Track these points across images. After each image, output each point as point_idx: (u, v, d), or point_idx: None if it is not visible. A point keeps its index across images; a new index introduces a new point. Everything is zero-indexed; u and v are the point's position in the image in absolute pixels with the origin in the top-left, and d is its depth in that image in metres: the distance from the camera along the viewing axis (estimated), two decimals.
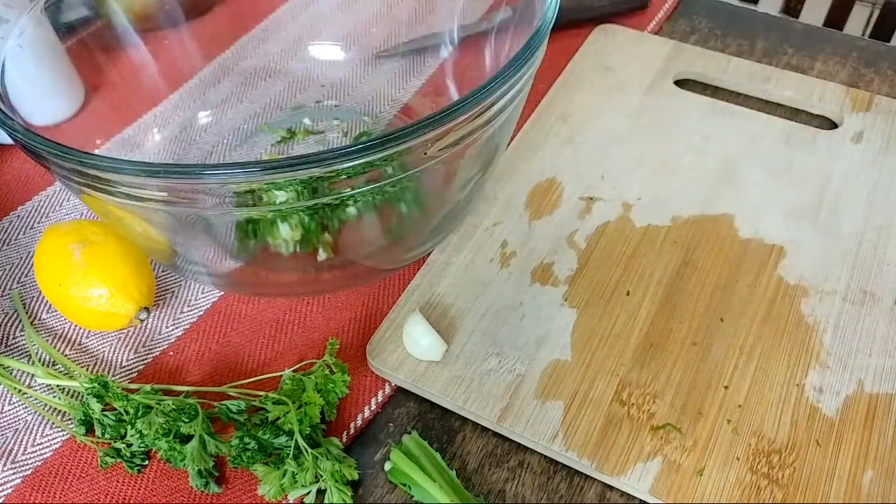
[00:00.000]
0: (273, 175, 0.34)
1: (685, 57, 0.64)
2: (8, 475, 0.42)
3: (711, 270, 0.49)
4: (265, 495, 0.39)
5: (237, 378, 0.45)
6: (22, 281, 0.51)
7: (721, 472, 0.40)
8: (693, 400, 0.42)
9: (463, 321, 0.46)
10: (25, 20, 0.48)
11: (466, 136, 0.38)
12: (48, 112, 0.49)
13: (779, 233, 0.51)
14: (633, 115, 0.59)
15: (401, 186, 0.41)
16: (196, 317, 0.49)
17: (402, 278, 0.50)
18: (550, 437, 0.41)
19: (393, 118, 0.61)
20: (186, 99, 0.60)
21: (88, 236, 0.46)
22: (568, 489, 0.41)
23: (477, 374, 0.44)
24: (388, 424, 0.44)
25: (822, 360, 0.44)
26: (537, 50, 0.39)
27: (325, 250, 0.44)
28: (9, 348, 0.47)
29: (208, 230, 0.43)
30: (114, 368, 0.46)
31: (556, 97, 0.61)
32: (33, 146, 0.36)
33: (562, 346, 0.45)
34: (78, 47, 0.53)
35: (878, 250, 0.50)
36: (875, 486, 0.39)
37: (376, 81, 0.63)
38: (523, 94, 0.42)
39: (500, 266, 0.49)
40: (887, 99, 0.60)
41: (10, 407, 0.45)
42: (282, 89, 0.63)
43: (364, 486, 0.41)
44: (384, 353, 0.45)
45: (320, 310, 0.49)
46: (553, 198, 0.53)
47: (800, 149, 0.56)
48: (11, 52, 0.45)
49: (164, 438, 0.40)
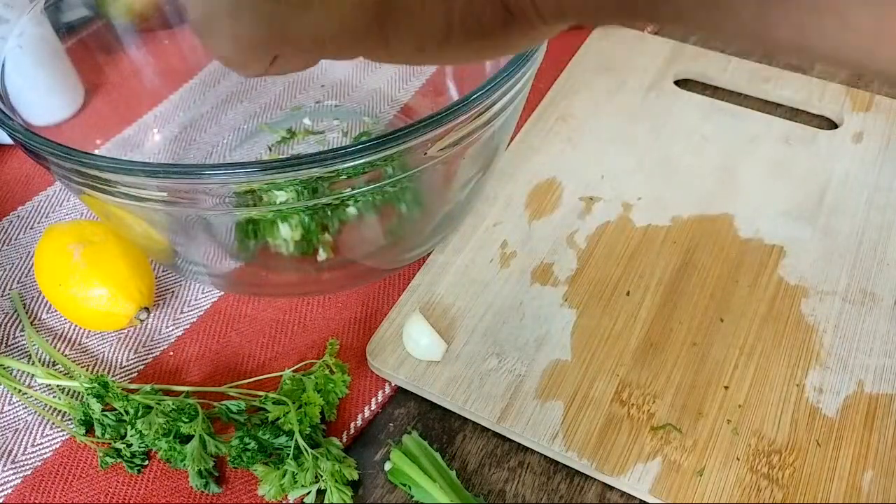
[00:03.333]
0: (273, 175, 0.34)
1: (685, 57, 0.64)
2: (8, 475, 0.42)
3: (711, 270, 0.49)
4: (265, 495, 0.39)
5: (237, 378, 0.45)
6: (22, 281, 0.51)
7: (721, 472, 0.40)
8: (693, 400, 0.42)
9: (463, 321, 0.46)
10: (25, 20, 0.48)
11: (466, 136, 0.38)
12: (48, 112, 0.49)
13: (779, 233, 0.51)
14: (633, 115, 0.59)
15: (401, 186, 0.41)
16: (196, 317, 0.49)
17: (402, 278, 0.50)
18: (550, 437, 0.41)
19: (393, 118, 0.61)
20: (186, 99, 0.60)
21: (88, 236, 0.46)
22: (568, 489, 0.41)
23: (477, 374, 0.44)
24: (388, 424, 0.44)
25: (822, 360, 0.44)
26: (537, 50, 0.39)
27: (325, 250, 0.44)
28: (9, 348, 0.47)
29: (208, 230, 0.43)
30: (114, 368, 0.46)
31: (556, 97, 0.61)
32: (33, 146, 0.36)
33: (562, 346, 0.45)
34: (78, 47, 0.53)
35: (878, 250, 0.50)
36: (875, 486, 0.39)
37: (376, 81, 0.63)
38: (523, 94, 0.42)
39: (500, 266, 0.49)
40: (887, 99, 0.60)
41: (10, 407, 0.45)
42: (282, 89, 0.63)
43: (364, 486, 0.41)
44: (384, 353, 0.45)
45: (320, 310, 0.49)
46: (553, 198, 0.53)
47: (800, 149, 0.56)
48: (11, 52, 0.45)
49: (164, 438, 0.40)
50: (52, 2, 0.48)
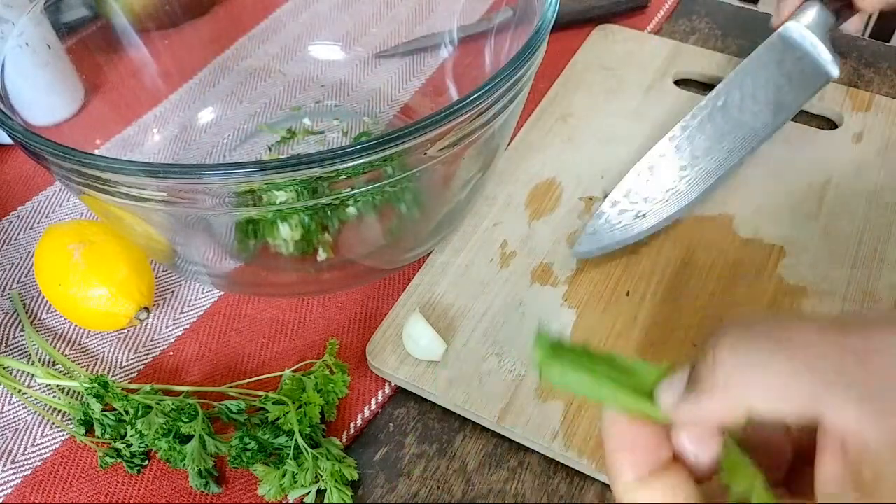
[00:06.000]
0: (273, 175, 0.34)
1: (685, 57, 0.64)
2: (8, 475, 0.42)
3: (711, 270, 0.49)
4: (265, 495, 0.39)
5: (237, 378, 0.45)
6: (22, 281, 0.51)
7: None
8: None
9: (463, 321, 0.46)
10: (25, 20, 0.48)
11: (466, 136, 0.38)
12: (48, 112, 0.49)
13: (779, 233, 0.51)
14: (633, 115, 0.59)
15: (401, 186, 0.41)
16: (196, 317, 0.49)
17: (402, 278, 0.50)
18: (550, 437, 0.41)
19: (393, 118, 0.61)
20: (186, 99, 0.60)
21: (88, 236, 0.46)
22: (568, 489, 0.41)
23: (477, 374, 0.44)
24: (388, 424, 0.44)
25: None
26: (537, 50, 0.39)
27: (325, 250, 0.44)
28: (9, 348, 0.47)
29: (208, 230, 0.43)
30: (114, 368, 0.46)
31: (556, 97, 0.61)
32: (33, 146, 0.36)
33: None
34: (78, 47, 0.53)
35: (878, 250, 0.50)
36: None
37: (376, 81, 0.63)
38: (523, 94, 0.42)
39: (500, 266, 0.49)
40: (887, 99, 0.60)
41: (10, 407, 0.45)
42: (282, 89, 0.63)
43: (364, 486, 0.41)
44: (384, 353, 0.45)
45: (320, 310, 0.49)
46: (553, 198, 0.53)
47: (800, 149, 0.56)
48: (11, 52, 0.45)
49: (164, 438, 0.40)
50: (52, 2, 0.48)
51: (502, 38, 0.50)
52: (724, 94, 0.54)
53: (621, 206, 0.49)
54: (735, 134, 0.52)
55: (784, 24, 0.56)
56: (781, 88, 0.54)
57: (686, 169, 0.51)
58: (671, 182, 0.50)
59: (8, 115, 0.39)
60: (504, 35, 0.50)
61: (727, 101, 0.54)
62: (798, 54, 0.55)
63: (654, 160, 0.51)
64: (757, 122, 0.53)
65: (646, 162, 0.51)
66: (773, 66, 0.55)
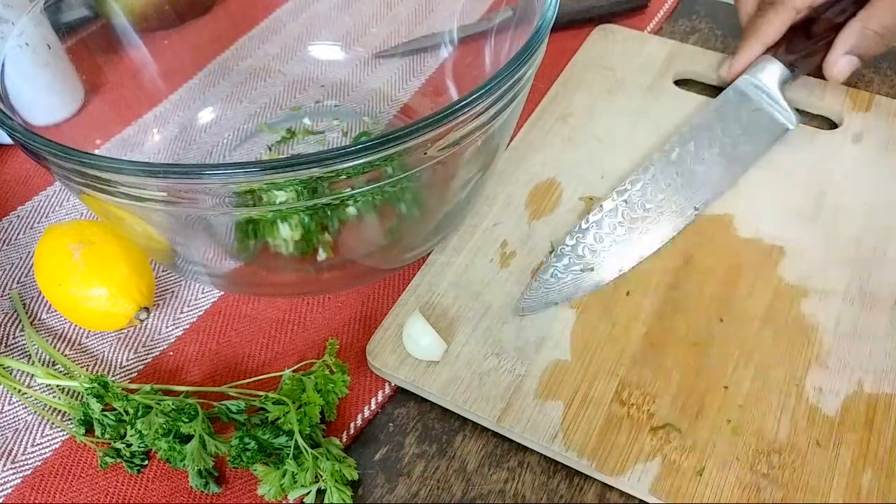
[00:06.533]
0: (273, 175, 0.34)
1: (685, 57, 0.64)
2: (8, 475, 0.42)
3: (711, 270, 0.49)
4: (265, 495, 0.39)
5: (237, 378, 0.45)
6: (22, 281, 0.51)
7: (721, 472, 0.40)
8: (693, 400, 0.42)
9: (463, 321, 0.46)
10: (25, 20, 0.48)
11: (466, 136, 0.38)
12: (48, 112, 0.49)
13: (779, 233, 0.51)
14: (632, 115, 0.59)
15: (401, 186, 0.41)
16: (196, 317, 0.49)
17: (402, 278, 0.50)
18: (550, 437, 0.41)
19: (393, 118, 0.61)
20: (186, 99, 0.60)
21: (88, 236, 0.46)
22: (568, 489, 0.41)
23: (477, 374, 0.44)
24: (388, 424, 0.44)
25: (822, 360, 0.44)
26: (537, 50, 0.39)
27: (325, 250, 0.44)
28: (9, 348, 0.47)
29: (208, 230, 0.43)
30: (114, 368, 0.46)
31: (556, 97, 0.61)
32: (33, 146, 0.36)
33: (562, 346, 0.45)
34: (78, 47, 0.53)
35: (878, 250, 0.50)
36: (874, 486, 0.39)
37: (376, 81, 0.63)
38: (523, 94, 0.42)
39: (500, 266, 0.49)
40: (887, 99, 0.60)
41: (10, 407, 0.45)
42: (282, 89, 0.63)
43: (364, 486, 0.41)
44: (384, 353, 0.45)
45: (320, 310, 0.49)
46: (553, 198, 0.53)
47: (800, 149, 0.56)
48: (11, 52, 0.45)
49: (164, 438, 0.40)
50: (52, 2, 0.48)
51: (502, 38, 0.50)
52: (678, 146, 0.53)
53: (568, 260, 0.48)
54: (689, 187, 0.52)
55: (739, 77, 0.57)
56: (737, 140, 0.54)
57: (636, 222, 0.50)
58: (622, 234, 0.49)
59: (8, 114, 0.39)
60: (504, 35, 0.50)
61: (681, 154, 0.53)
62: (754, 107, 0.55)
63: (602, 214, 0.50)
64: (712, 175, 0.52)
65: (594, 216, 0.50)
66: (730, 119, 0.55)
